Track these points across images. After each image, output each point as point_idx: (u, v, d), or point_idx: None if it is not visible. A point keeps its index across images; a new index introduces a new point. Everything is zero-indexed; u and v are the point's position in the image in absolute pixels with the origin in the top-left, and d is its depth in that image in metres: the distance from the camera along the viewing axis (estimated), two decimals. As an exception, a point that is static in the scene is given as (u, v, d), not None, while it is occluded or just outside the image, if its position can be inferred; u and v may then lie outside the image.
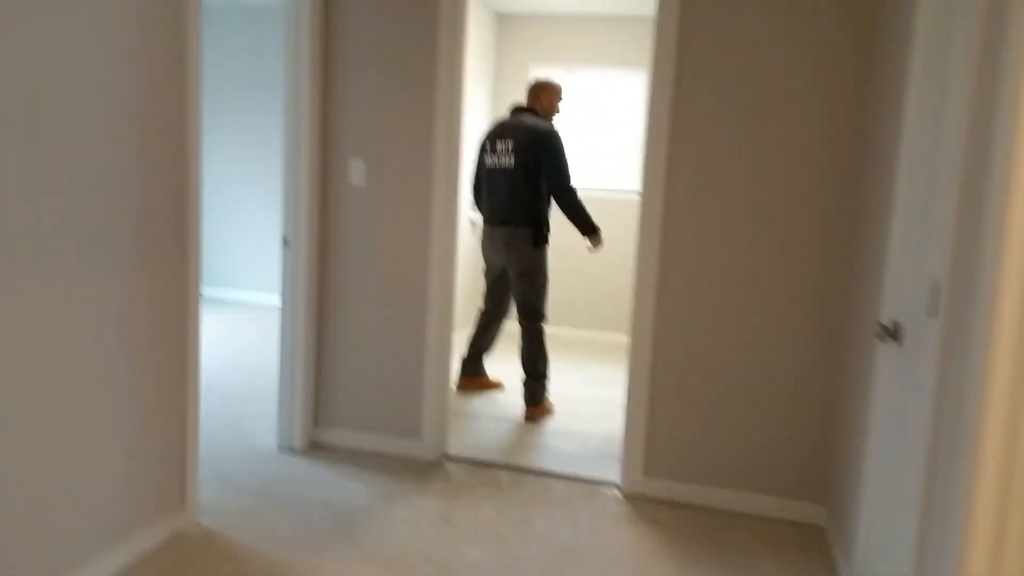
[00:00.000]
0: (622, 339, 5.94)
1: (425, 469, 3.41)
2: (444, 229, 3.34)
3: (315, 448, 3.55)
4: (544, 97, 4.20)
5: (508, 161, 4.06)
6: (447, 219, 3.34)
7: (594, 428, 4.06)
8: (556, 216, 4.17)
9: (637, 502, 3.23)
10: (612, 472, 3.44)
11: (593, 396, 4.63)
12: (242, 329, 5.81)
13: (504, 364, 4.93)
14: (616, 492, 3.30)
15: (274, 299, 5.56)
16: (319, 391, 3.56)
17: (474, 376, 4.53)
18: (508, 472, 3.44)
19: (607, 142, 6.15)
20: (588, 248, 4.43)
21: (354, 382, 3.52)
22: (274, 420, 3.62)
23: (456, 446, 3.64)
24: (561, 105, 4.28)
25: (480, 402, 4.37)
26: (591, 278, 6.09)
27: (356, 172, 3.38)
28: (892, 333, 2.14)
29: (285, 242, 3.37)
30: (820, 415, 3.07)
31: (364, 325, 3.47)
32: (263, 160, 6.52)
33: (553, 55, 6.10)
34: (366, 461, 3.44)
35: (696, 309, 3.14)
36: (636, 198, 5.92)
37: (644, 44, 5.77)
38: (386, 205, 3.38)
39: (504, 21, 6.13)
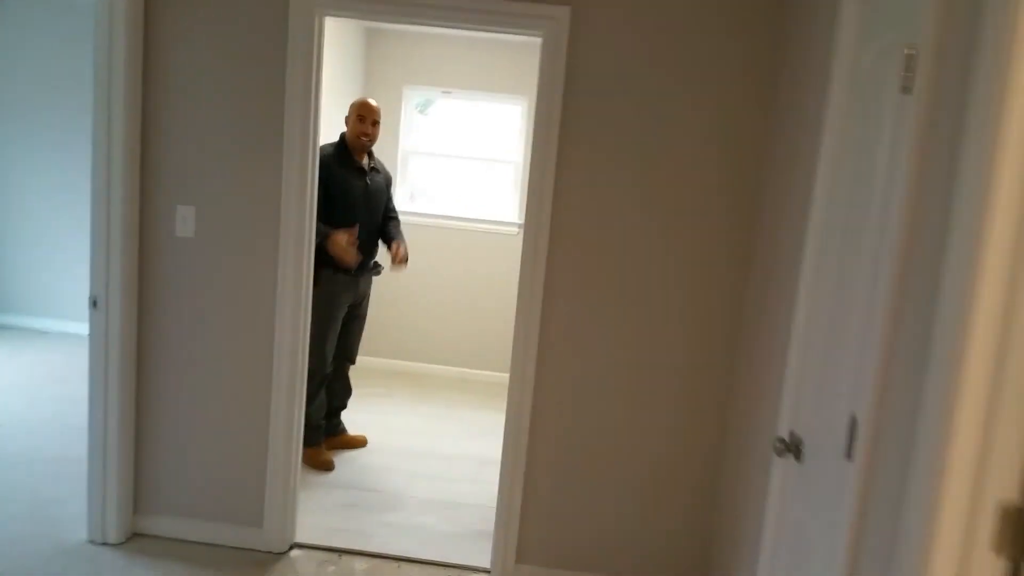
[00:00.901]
0: (504, 378, 5.63)
1: (269, 564, 2.94)
2: (293, 284, 2.89)
3: (136, 540, 3.00)
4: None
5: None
6: (296, 272, 2.89)
7: (468, 494, 3.69)
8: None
9: (510, 594, 2.89)
10: (484, 554, 3.08)
11: (468, 453, 4.27)
12: (46, 366, 5.05)
13: (362, 414, 4.50)
14: (487, 582, 2.95)
15: (84, 328, 4.80)
16: (139, 473, 3.02)
17: (333, 436, 4.07)
18: (366, 561, 3.02)
19: (486, 173, 5.81)
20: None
21: (182, 462, 3.00)
22: (86, 500, 3.04)
23: (307, 529, 3.18)
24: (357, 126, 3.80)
25: (340, 467, 3.92)
26: (471, 314, 5.74)
27: (184, 221, 2.87)
28: (790, 448, 1.89)
29: (93, 304, 2.82)
30: (697, 492, 2.83)
31: (195, 397, 2.96)
32: (68, 165, 5.74)
33: (428, 76, 5.71)
34: (198, 555, 2.93)
35: (579, 374, 2.84)
36: (515, 231, 5.65)
37: (527, 70, 5.47)
38: (223, 258, 2.89)
39: (374, 37, 5.69)
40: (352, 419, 4.34)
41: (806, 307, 1.93)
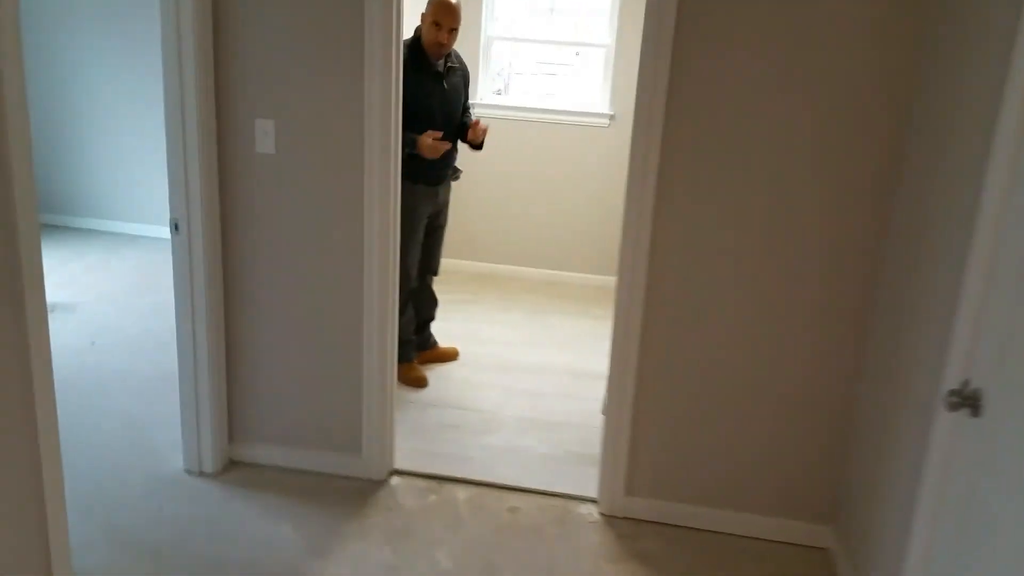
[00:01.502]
0: (598, 280, 5.38)
1: (369, 493, 2.85)
2: (380, 197, 2.65)
3: (233, 469, 2.95)
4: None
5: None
6: (383, 185, 2.64)
7: (566, 412, 3.53)
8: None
9: (619, 526, 2.74)
10: (590, 482, 2.93)
11: (562, 365, 4.09)
12: (138, 274, 5.01)
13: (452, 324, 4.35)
14: (594, 512, 2.81)
15: (161, 231, 4.59)
16: (232, 400, 2.93)
17: (425, 350, 3.93)
18: (468, 489, 2.91)
19: (574, 59, 5.35)
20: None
21: (276, 388, 2.90)
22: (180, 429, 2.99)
23: (406, 454, 3.08)
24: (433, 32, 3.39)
25: (434, 383, 3.79)
26: (559, 213, 5.44)
27: (265, 135, 2.63)
28: (966, 401, 1.60)
29: (175, 227, 2.65)
30: (829, 426, 2.57)
31: (284, 320, 2.82)
32: (143, 72, 5.54)
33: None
34: (297, 486, 2.86)
35: (698, 285, 2.56)
36: (606, 123, 5.24)
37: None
38: (305, 174, 2.66)
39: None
40: (440, 329, 4.19)
41: (990, 229, 1.60)
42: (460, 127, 3.65)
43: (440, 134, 3.38)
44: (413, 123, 3.29)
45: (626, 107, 5.18)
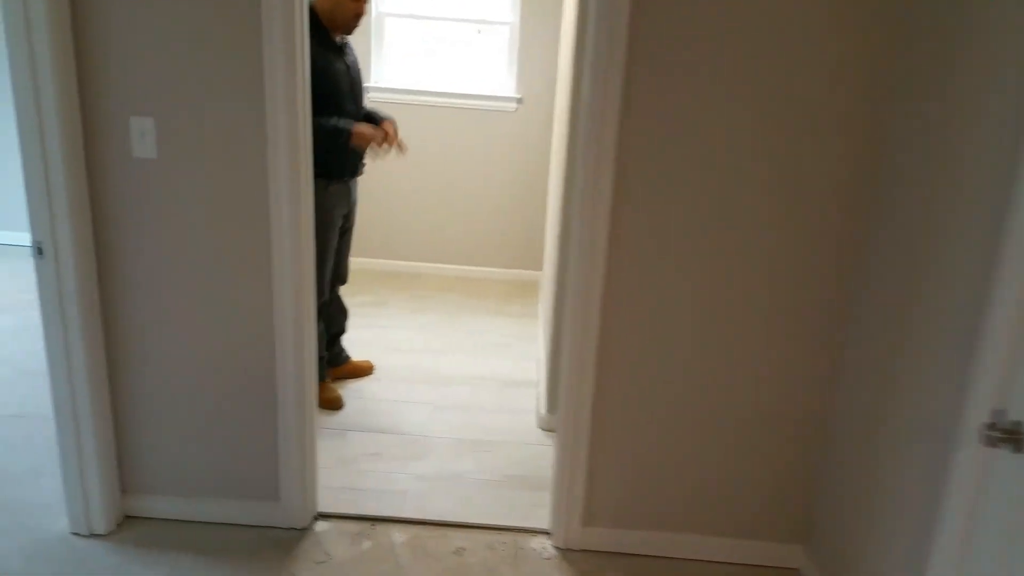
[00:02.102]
0: (513, 275, 5.12)
1: (292, 543, 2.48)
2: (290, 203, 2.25)
3: (128, 526, 2.50)
4: None
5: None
6: (293, 189, 2.24)
7: (499, 428, 3.25)
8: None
9: (578, 560, 2.49)
10: (539, 510, 2.67)
11: (486, 373, 3.80)
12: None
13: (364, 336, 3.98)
14: (549, 546, 2.55)
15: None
16: (123, 446, 2.48)
17: (337, 366, 3.55)
18: (405, 530, 2.58)
19: (477, 39, 5.01)
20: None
21: (175, 429, 2.46)
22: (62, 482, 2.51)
23: (331, 494, 2.72)
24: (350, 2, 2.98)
25: (350, 403, 3.42)
26: (467, 204, 5.11)
27: (143, 137, 2.18)
28: (1009, 436, 1.43)
29: (38, 251, 2.17)
30: (800, 441, 2.41)
31: (180, 352, 2.39)
32: None
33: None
34: (206, 541, 2.45)
35: (652, 309, 2.32)
36: (513, 107, 4.94)
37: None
38: (196, 181, 2.23)
39: None
40: (350, 339, 3.82)
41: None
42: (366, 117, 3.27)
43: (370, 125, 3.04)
44: (322, 108, 2.89)
45: (533, 90, 4.92)
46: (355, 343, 3.90)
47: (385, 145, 3.13)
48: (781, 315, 2.30)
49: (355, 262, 4.88)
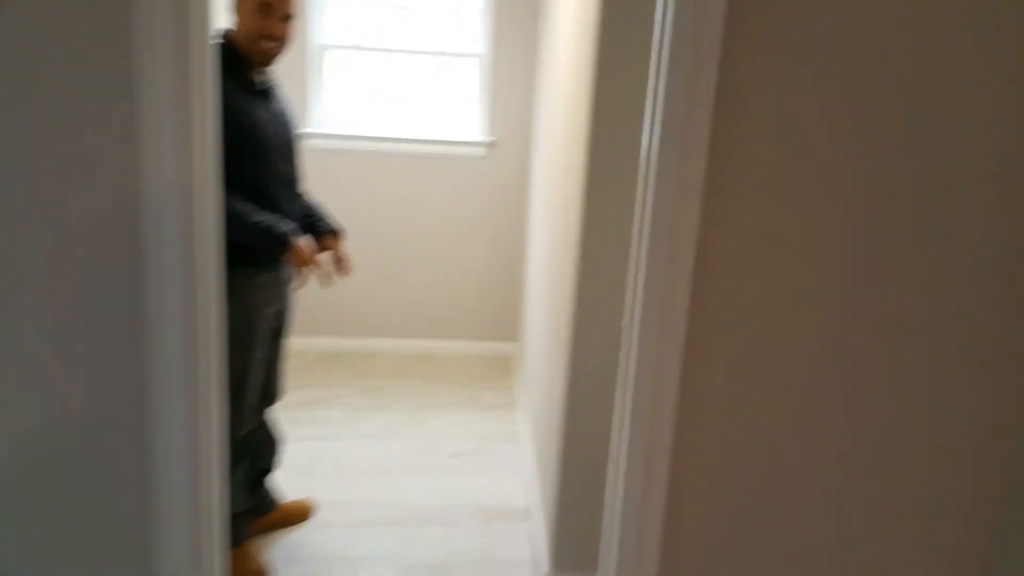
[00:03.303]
0: (486, 349, 4.30)
1: None
2: (187, 318, 1.43)
3: None
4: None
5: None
6: (187, 298, 1.42)
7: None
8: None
9: None
10: None
11: (464, 500, 2.94)
12: None
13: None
14: None
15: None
16: None
17: (263, 514, 2.66)
18: None
19: (437, 73, 4.19)
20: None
21: None
22: None
23: None
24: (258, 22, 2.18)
25: (284, 569, 2.54)
26: (427, 267, 4.28)
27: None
28: None
29: None
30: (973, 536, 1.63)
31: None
32: None
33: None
34: None
35: (764, 400, 1.53)
36: (483, 152, 4.15)
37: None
38: (29, 295, 1.37)
39: None
40: (282, 459, 2.95)
41: None
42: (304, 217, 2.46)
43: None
44: (242, 172, 2.09)
45: (507, 132, 4.13)
46: (290, 464, 3.02)
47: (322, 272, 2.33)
48: (964, 345, 1.53)
49: (292, 343, 4.01)
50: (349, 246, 4.30)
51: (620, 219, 2.07)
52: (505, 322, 4.36)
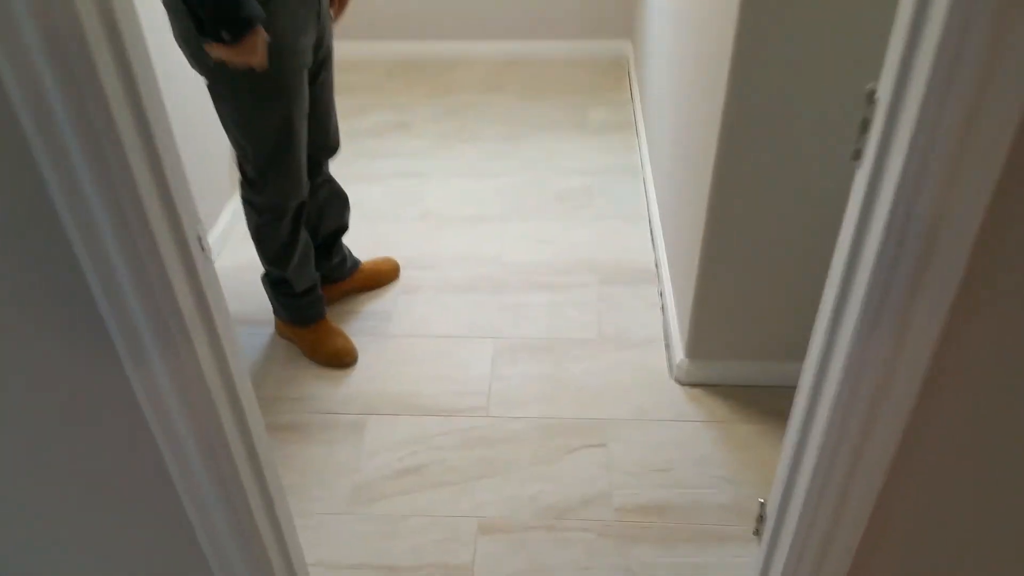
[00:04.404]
0: (596, 48, 3.53)
1: None
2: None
3: None
4: None
5: None
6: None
7: (616, 383, 1.98)
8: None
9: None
10: None
11: (590, 258, 2.43)
12: None
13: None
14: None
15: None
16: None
17: (340, 281, 2.23)
18: None
19: None
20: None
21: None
22: None
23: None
24: None
25: (365, 351, 2.15)
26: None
27: None
28: None
29: None
30: None
31: None
32: None
33: None
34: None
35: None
36: None
37: None
38: None
39: None
40: (353, 195, 2.46)
41: None
42: None
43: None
44: None
45: None
46: (363, 209, 2.52)
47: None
48: None
49: (356, 50, 3.34)
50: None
51: None
52: (618, 12, 3.50)
